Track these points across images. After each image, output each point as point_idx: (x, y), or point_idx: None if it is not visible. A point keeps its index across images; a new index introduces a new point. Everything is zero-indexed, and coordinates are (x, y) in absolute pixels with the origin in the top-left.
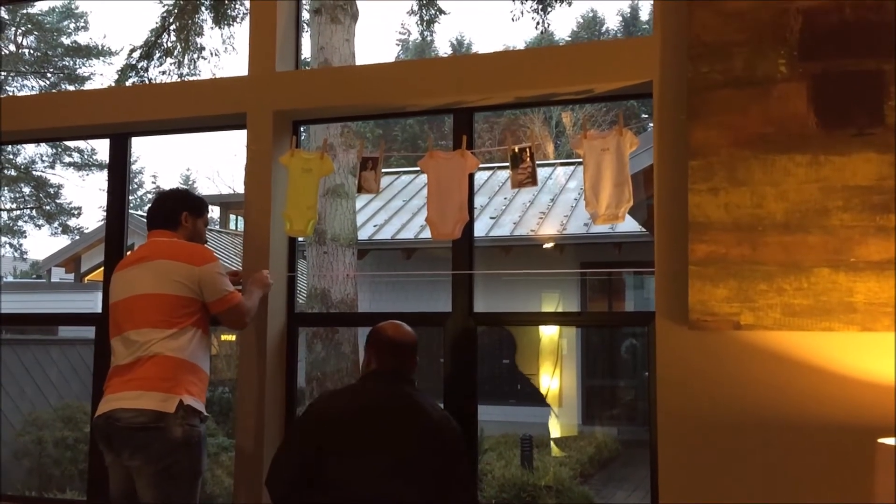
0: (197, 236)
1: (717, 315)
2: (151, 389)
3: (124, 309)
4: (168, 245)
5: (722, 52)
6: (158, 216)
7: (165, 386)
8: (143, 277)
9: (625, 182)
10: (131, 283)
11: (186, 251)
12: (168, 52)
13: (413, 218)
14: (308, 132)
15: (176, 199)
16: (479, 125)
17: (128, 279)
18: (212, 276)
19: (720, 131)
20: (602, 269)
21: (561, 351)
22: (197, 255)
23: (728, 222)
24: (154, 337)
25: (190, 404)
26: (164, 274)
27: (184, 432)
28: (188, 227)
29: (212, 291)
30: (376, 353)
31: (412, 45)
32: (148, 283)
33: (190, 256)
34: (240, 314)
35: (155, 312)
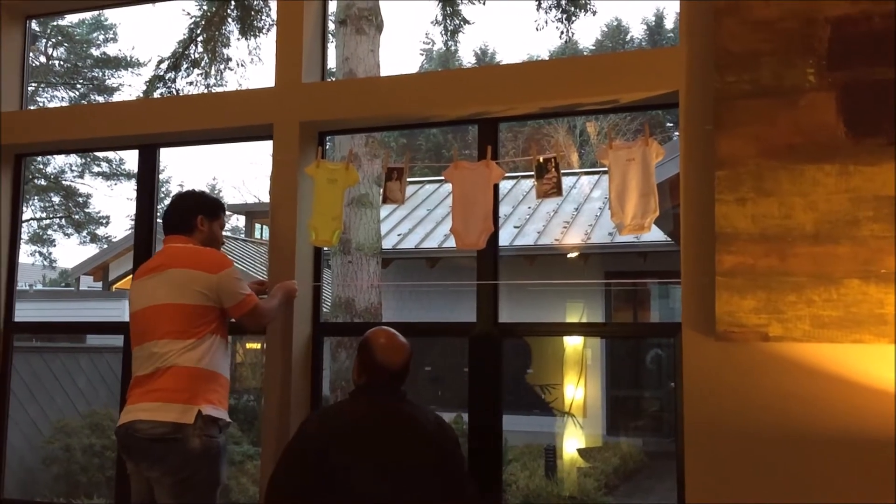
0: (213, 240)
1: (745, 326)
2: (170, 401)
3: (143, 319)
4: (184, 252)
5: (749, 62)
6: (173, 220)
7: (184, 397)
8: (159, 287)
9: (650, 192)
10: (149, 293)
11: (202, 258)
12: (195, 63)
13: (437, 227)
14: (333, 142)
15: (190, 203)
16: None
17: (145, 289)
18: (229, 282)
19: (747, 141)
20: (627, 278)
21: (585, 361)
22: (212, 261)
23: (756, 233)
24: (173, 348)
25: (209, 414)
26: (180, 283)
27: (202, 443)
28: (204, 231)
29: (229, 297)
30: (366, 367)
31: (436, 54)
32: (165, 293)
33: (206, 264)
34: (258, 316)
35: (173, 323)
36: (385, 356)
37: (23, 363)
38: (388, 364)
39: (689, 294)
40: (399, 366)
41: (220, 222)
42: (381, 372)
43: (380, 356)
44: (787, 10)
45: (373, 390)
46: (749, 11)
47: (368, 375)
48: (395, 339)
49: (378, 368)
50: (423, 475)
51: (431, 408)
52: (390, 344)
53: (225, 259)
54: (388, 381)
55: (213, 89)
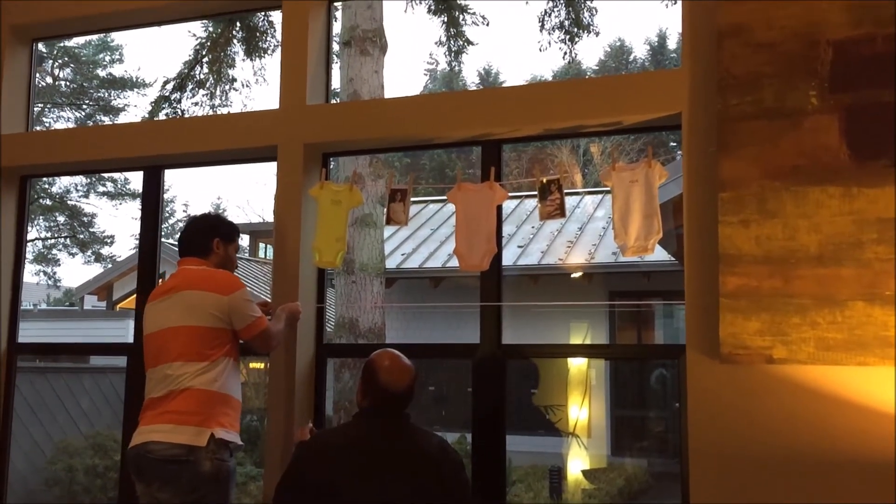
0: (228, 262)
1: (750, 348)
2: (184, 423)
3: (157, 342)
4: (197, 274)
5: (752, 84)
6: (190, 242)
7: (198, 419)
8: (173, 310)
9: (654, 214)
10: (163, 316)
11: (214, 280)
12: (201, 83)
13: (441, 247)
14: (337, 162)
15: (207, 226)
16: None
17: (159, 311)
18: (240, 304)
19: (750, 163)
20: (631, 298)
21: (589, 381)
22: (225, 283)
23: (759, 255)
24: (187, 371)
25: (222, 437)
26: (193, 306)
27: (213, 466)
28: (220, 254)
29: (240, 318)
30: (370, 389)
31: (440, 74)
32: (178, 315)
33: (218, 285)
34: (267, 338)
35: (187, 346)
36: (389, 379)
37: (26, 384)
38: (393, 387)
39: (692, 316)
40: (403, 389)
41: (235, 245)
42: (384, 395)
43: (384, 379)
44: (789, 32)
45: (376, 413)
46: (751, 34)
47: (372, 398)
48: (400, 361)
49: (382, 391)
50: (427, 499)
51: (435, 427)
52: (395, 367)
53: (237, 281)
54: (392, 404)
55: (218, 109)
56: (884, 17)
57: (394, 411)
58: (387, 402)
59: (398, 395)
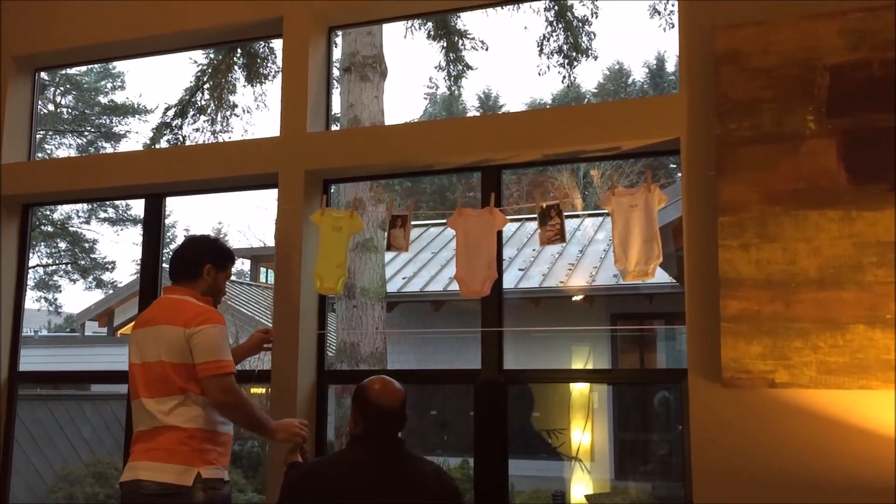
0: (216, 290)
1: (752, 373)
2: (170, 461)
3: (137, 374)
4: (175, 306)
5: (750, 109)
6: (181, 265)
7: (182, 459)
8: (150, 343)
9: (654, 238)
10: (142, 348)
11: (189, 313)
12: (202, 110)
13: (441, 270)
14: (338, 187)
15: (201, 250)
16: (507, 177)
17: (139, 342)
18: (204, 338)
19: (750, 187)
20: (633, 320)
21: (592, 404)
22: (196, 316)
23: (760, 278)
24: (167, 407)
25: (209, 476)
26: (164, 340)
27: (206, 496)
28: (208, 281)
29: (199, 352)
30: (363, 414)
31: (440, 98)
32: (152, 349)
33: (188, 318)
34: (227, 389)
35: (163, 381)
36: (381, 398)
37: (27, 411)
38: (385, 405)
39: (694, 340)
40: (396, 407)
41: (227, 274)
42: (377, 414)
43: (375, 399)
44: (786, 57)
45: (370, 438)
46: (748, 59)
47: (365, 422)
48: (391, 384)
49: (374, 411)
50: None
51: (437, 452)
52: (385, 387)
53: (212, 316)
54: (385, 424)
55: (219, 136)
56: (880, 41)
57: (388, 434)
58: (380, 422)
59: (391, 414)
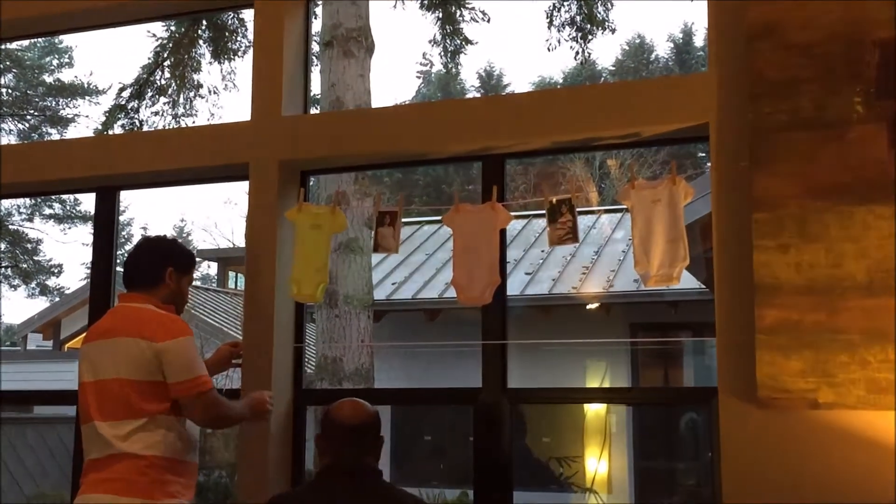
0: (179, 297)
1: (791, 392)
2: (127, 494)
3: (91, 394)
4: (136, 316)
5: (788, 90)
6: (138, 270)
7: (141, 491)
8: (106, 358)
9: (679, 238)
10: (96, 364)
11: (154, 324)
12: (161, 90)
13: (437, 274)
14: (318, 180)
15: (161, 252)
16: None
17: (93, 357)
18: (176, 353)
19: (788, 180)
20: (656, 331)
21: (609, 428)
22: (162, 327)
23: (801, 284)
24: (123, 431)
25: None
26: (125, 355)
27: None
28: (170, 286)
29: (173, 371)
30: (330, 442)
31: (435, 77)
32: (110, 365)
33: (153, 331)
34: (207, 405)
35: (122, 402)
36: (342, 413)
37: None
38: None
39: (725, 354)
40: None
41: (190, 278)
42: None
43: (336, 415)
44: (829, 32)
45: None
46: (785, 35)
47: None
48: (358, 402)
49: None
50: None
51: (432, 483)
52: (350, 405)
53: (180, 326)
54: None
55: (182, 120)
56: None
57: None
58: (345, 442)
59: (356, 430)
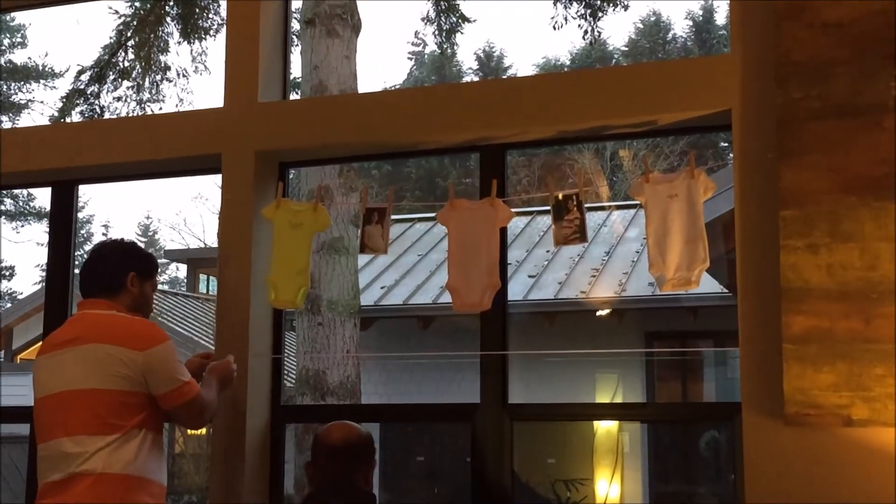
0: (143, 304)
1: (822, 407)
2: None
3: (53, 408)
4: (106, 322)
5: (819, 74)
6: (98, 277)
7: None
8: (75, 367)
9: (699, 237)
10: (60, 375)
11: (129, 330)
12: (125, 73)
13: (430, 277)
14: (299, 173)
15: (120, 256)
16: (513, 159)
17: (56, 368)
18: (160, 363)
19: (819, 173)
20: (673, 341)
21: (622, 448)
22: (142, 335)
23: (832, 288)
24: (91, 447)
25: None
26: (100, 363)
27: None
28: (133, 293)
29: (160, 382)
30: (318, 466)
31: (428, 58)
32: (81, 375)
33: (130, 338)
34: (198, 409)
35: (88, 415)
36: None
37: None
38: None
39: (749, 366)
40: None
41: (154, 283)
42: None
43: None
44: (865, 9)
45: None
46: (816, 13)
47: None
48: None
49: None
50: None
51: None
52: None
53: (158, 332)
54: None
55: (147, 106)
56: None
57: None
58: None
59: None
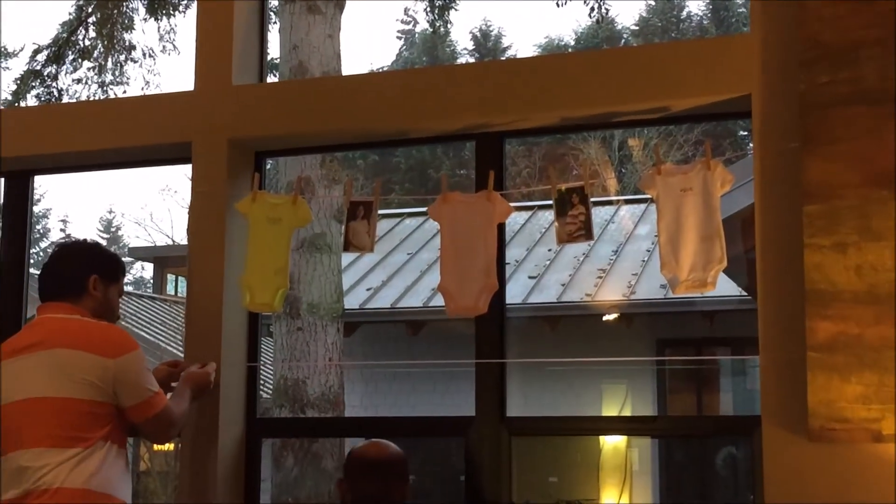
0: (107, 310)
1: (850, 421)
2: None
3: (9, 419)
4: (71, 326)
5: (847, 56)
6: (57, 280)
7: None
8: (36, 373)
9: (715, 235)
10: (19, 382)
11: (96, 336)
12: (85, 52)
13: (421, 278)
14: (277, 164)
15: (82, 258)
16: (512, 148)
17: (14, 375)
18: (131, 372)
19: (847, 164)
20: (687, 348)
21: (630, 465)
22: (110, 341)
23: (862, 291)
24: (50, 461)
25: None
26: (64, 369)
27: None
28: (96, 297)
29: (130, 393)
30: (353, 482)
31: (419, 38)
32: (42, 382)
33: (101, 344)
34: (168, 422)
35: (52, 425)
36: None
37: None
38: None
39: (770, 376)
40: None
41: (119, 287)
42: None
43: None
44: None
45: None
46: None
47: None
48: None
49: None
50: None
51: None
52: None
53: (127, 339)
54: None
55: (110, 89)
56: None
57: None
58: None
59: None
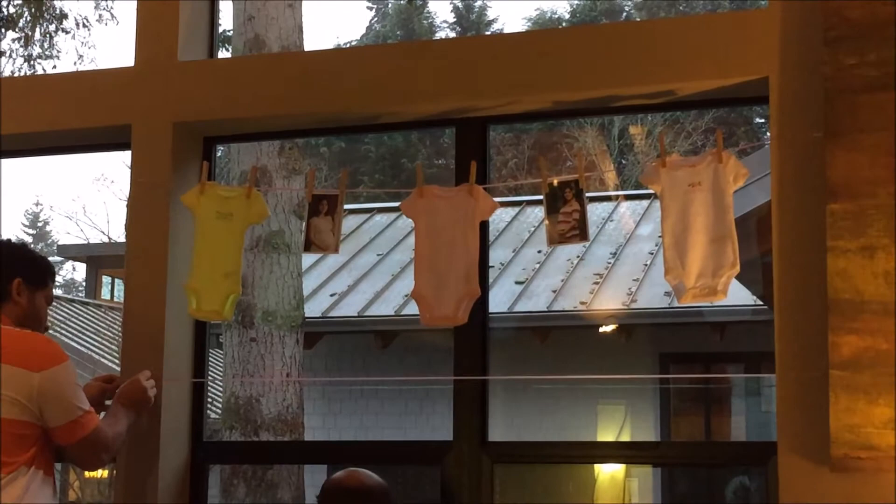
0: (34, 318)
1: (877, 449)
2: None
3: None
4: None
5: (878, 34)
6: None
7: None
8: None
9: (727, 236)
10: None
11: (21, 346)
12: (10, 21)
13: (392, 283)
14: (229, 150)
15: (5, 259)
16: (499, 135)
17: None
18: (57, 387)
19: (876, 157)
20: (694, 364)
21: (629, 496)
22: (35, 352)
23: (892, 301)
24: None
25: None
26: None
27: None
28: (21, 304)
29: (57, 411)
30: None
31: (393, 10)
32: None
33: (24, 355)
34: (98, 447)
35: None
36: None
37: None
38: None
39: (787, 397)
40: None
41: (47, 293)
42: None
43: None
44: None
45: None
46: None
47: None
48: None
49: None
50: None
51: None
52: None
53: (56, 351)
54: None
55: (38, 63)
56: None
57: None
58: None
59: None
